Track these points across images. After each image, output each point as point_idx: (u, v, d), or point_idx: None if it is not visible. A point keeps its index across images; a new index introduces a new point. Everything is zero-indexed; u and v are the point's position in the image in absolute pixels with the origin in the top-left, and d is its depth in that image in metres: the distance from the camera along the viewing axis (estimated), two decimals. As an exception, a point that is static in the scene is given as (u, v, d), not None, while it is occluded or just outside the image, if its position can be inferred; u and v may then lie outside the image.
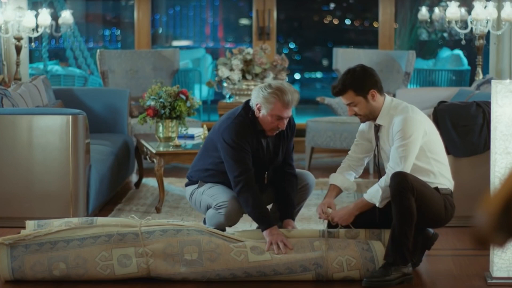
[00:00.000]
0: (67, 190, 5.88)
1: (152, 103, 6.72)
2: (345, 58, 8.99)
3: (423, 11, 11.25)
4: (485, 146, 5.68)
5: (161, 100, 6.69)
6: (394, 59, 8.93)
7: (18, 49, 8.63)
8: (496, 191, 1.84)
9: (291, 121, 4.96)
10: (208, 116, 11.40)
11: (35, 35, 8.78)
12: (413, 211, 4.49)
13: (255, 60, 8.28)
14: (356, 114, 4.71)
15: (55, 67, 11.51)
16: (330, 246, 4.68)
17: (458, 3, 8.75)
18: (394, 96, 7.98)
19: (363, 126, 4.89)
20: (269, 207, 4.97)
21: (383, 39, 10.17)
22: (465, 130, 5.74)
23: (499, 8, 8.61)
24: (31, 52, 10.65)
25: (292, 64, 12.15)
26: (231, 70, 8.29)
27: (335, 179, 4.91)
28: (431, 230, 4.80)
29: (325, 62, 13.34)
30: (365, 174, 7.32)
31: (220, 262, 4.61)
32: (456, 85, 10.73)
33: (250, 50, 8.38)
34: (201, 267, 4.61)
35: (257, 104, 4.80)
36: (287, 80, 8.41)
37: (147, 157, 6.76)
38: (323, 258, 4.62)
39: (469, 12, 8.87)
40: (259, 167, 4.88)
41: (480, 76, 8.65)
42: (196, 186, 5.08)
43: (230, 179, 4.82)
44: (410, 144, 4.54)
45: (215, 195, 4.92)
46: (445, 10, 9.23)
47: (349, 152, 4.97)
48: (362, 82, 4.65)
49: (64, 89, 8.14)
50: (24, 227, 4.85)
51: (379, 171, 4.86)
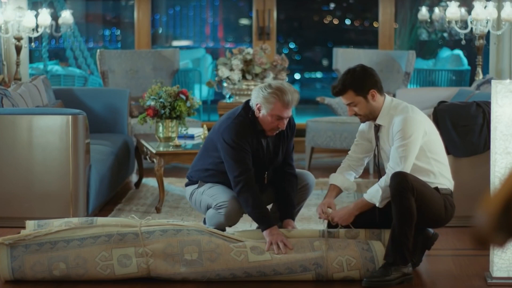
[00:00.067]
0: (67, 190, 5.88)
1: (152, 103, 6.71)
2: (345, 58, 8.98)
3: (423, 11, 11.25)
4: (485, 146, 5.68)
5: (161, 100, 6.69)
6: (394, 59, 8.93)
7: (18, 49, 8.63)
8: (496, 191, 1.84)
9: (291, 121, 4.96)
10: (208, 116, 11.39)
11: (35, 35, 8.78)
12: (413, 211, 4.49)
13: (255, 60, 8.28)
14: (356, 114, 4.71)
15: (55, 67, 11.51)
16: (330, 246, 4.68)
17: (458, 3, 8.75)
18: (394, 96, 7.98)
19: (363, 126, 4.89)
20: (269, 207, 4.97)
21: (383, 39, 10.17)
22: (465, 130, 5.74)
23: (499, 8, 8.61)
24: (31, 52, 10.65)
25: (292, 64, 12.14)
26: (231, 70, 8.29)
27: (335, 179, 4.91)
28: (431, 230, 4.79)
29: (325, 62, 13.33)
30: (365, 174, 7.32)
31: (220, 262, 4.61)
32: (456, 85, 10.73)
33: (250, 50, 8.38)
34: (201, 267, 4.60)
35: (257, 104, 4.80)
36: (287, 80, 8.41)
37: (147, 157, 6.76)
38: (323, 258, 4.62)
39: (469, 12, 8.87)
40: (259, 167, 4.88)
41: (480, 76, 8.65)
42: (196, 186, 5.07)
43: (230, 179, 4.82)
44: (410, 144, 4.54)
45: (215, 195, 4.92)
46: (445, 10, 9.23)
47: (349, 152, 4.97)
48: (362, 82, 4.65)
49: (64, 89, 8.14)
50: (24, 227, 4.85)
51: (379, 171, 4.86)
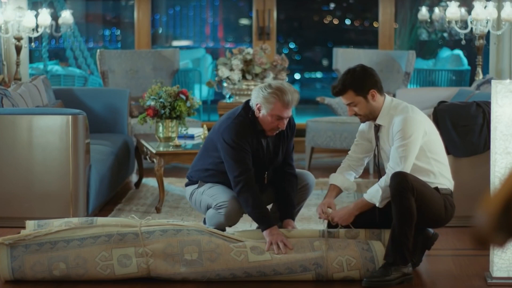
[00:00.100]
0: (67, 190, 5.88)
1: (152, 103, 6.71)
2: (345, 58, 8.98)
3: (423, 11, 11.25)
4: (485, 146, 5.68)
5: (161, 100, 6.69)
6: (394, 59, 8.93)
7: (18, 49, 8.63)
8: (496, 191, 1.84)
9: (291, 121, 4.96)
10: (208, 116, 11.39)
11: (35, 35, 8.78)
12: (413, 211, 4.49)
13: (255, 60, 8.28)
14: (356, 114, 4.71)
15: (55, 67, 11.51)
16: (330, 246, 4.68)
17: (458, 3, 8.75)
18: (394, 96, 7.98)
19: (363, 126, 4.89)
20: (269, 207, 4.97)
21: (383, 39, 10.17)
22: (465, 130, 5.74)
23: (499, 8, 8.61)
24: (31, 52, 10.65)
25: (292, 64, 12.14)
26: (231, 70, 8.29)
27: (335, 179, 4.91)
28: (431, 230, 4.79)
29: (325, 62, 13.33)
30: (365, 174, 7.32)
31: (220, 262, 4.60)
32: (456, 85, 10.73)
33: (250, 50, 8.38)
34: (201, 267, 4.60)
35: (257, 104, 4.80)
36: (287, 80, 8.41)
37: (147, 157, 6.76)
38: (323, 258, 4.62)
39: (469, 12, 8.87)
40: (259, 167, 4.88)
41: (480, 76, 8.65)
42: (196, 186, 5.07)
43: (230, 179, 4.82)
44: (410, 144, 4.54)
45: (215, 195, 4.92)
46: (445, 10, 9.23)
47: (349, 152, 4.97)
48: (362, 82, 4.65)
49: (64, 89, 8.14)
50: (24, 227, 4.85)
51: (379, 171, 4.86)
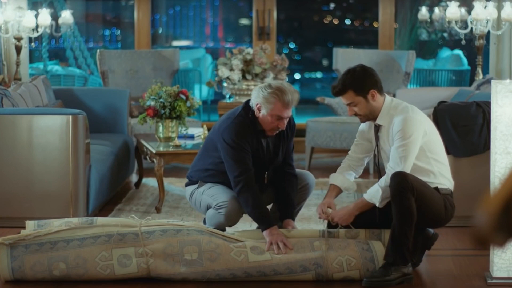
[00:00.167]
0: (67, 190, 5.88)
1: (152, 103, 6.71)
2: (345, 58, 8.98)
3: (423, 11, 11.25)
4: (485, 146, 5.68)
5: (161, 100, 6.69)
6: (394, 59, 8.93)
7: (18, 49, 8.63)
8: (496, 191, 1.84)
9: (291, 121, 4.96)
10: (208, 116, 11.39)
11: (35, 35, 8.78)
12: (413, 211, 4.49)
13: (255, 60, 8.28)
14: (356, 114, 4.71)
15: (55, 67, 11.51)
16: (330, 246, 4.68)
17: (458, 3, 8.74)
18: (394, 96, 7.98)
19: (363, 126, 4.89)
20: (269, 207, 4.97)
21: (383, 39, 10.17)
22: (465, 130, 5.74)
23: (499, 8, 8.61)
24: (31, 52, 10.65)
25: (292, 64, 12.14)
26: (231, 70, 8.29)
27: (335, 179, 4.91)
28: (431, 230, 4.79)
29: (325, 62, 13.33)
30: (365, 174, 7.32)
31: (220, 262, 4.60)
32: (456, 85, 10.73)
33: (250, 50, 8.38)
34: (201, 267, 4.60)
35: (257, 104, 4.80)
36: (287, 80, 8.41)
37: (147, 157, 6.76)
38: (323, 258, 4.62)
39: (469, 12, 8.87)
40: (259, 167, 4.88)
41: (480, 76, 8.65)
42: (196, 186, 5.07)
43: (230, 179, 4.82)
44: (410, 144, 4.54)
45: (215, 195, 4.92)
46: (445, 10, 9.23)
47: (349, 152, 4.97)
48: (362, 82, 4.65)
49: (64, 89, 8.14)
50: (24, 227, 4.85)
51: (379, 171, 4.86)
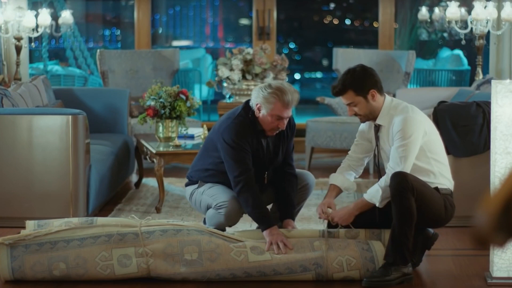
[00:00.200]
0: (67, 190, 5.88)
1: (152, 103, 6.71)
2: (345, 58, 8.98)
3: (423, 11, 11.25)
4: (485, 146, 5.68)
5: (161, 100, 6.69)
6: (394, 59, 8.93)
7: (18, 49, 8.63)
8: (496, 191, 1.84)
9: (291, 121, 4.96)
10: (208, 116, 11.39)
11: (35, 35, 8.78)
12: (413, 211, 4.49)
13: (255, 60, 8.28)
14: (356, 114, 4.71)
15: (55, 67, 11.51)
16: (330, 246, 4.68)
17: (458, 3, 8.74)
18: (394, 96, 7.98)
19: (363, 126, 4.89)
20: (269, 207, 4.97)
21: (383, 39, 10.17)
22: (465, 130, 5.74)
23: (499, 8, 8.61)
24: (31, 52, 10.65)
25: (292, 64, 12.14)
26: (231, 70, 8.29)
27: (335, 179, 4.91)
28: (431, 230, 4.79)
29: (325, 62, 13.33)
30: (365, 174, 7.32)
31: (220, 262, 4.60)
32: (456, 85, 10.73)
33: (250, 50, 8.38)
34: (201, 267, 4.60)
35: (257, 104, 4.80)
36: (287, 80, 8.41)
37: (147, 157, 6.76)
38: (323, 258, 4.62)
39: (469, 12, 8.87)
40: (259, 167, 4.88)
41: (480, 76, 8.65)
42: (196, 186, 5.07)
43: (230, 179, 4.82)
44: (410, 144, 4.54)
45: (215, 195, 4.92)
46: (445, 10, 9.23)
47: (349, 152, 4.97)
48: (362, 82, 4.65)
49: (64, 89, 8.14)
50: (24, 227, 4.85)
51: (379, 171, 4.86)
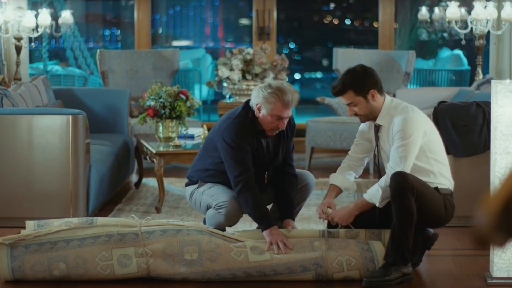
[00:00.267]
0: (67, 190, 5.88)
1: (152, 103, 6.71)
2: (345, 58, 8.98)
3: (423, 11, 11.25)
4: (485, 146, 5.68)
5: (161, 100, 6.69)
6: (394, 59, 8.93)
7: (18, 49, 8.63)
8: (496, 191, 1.84)
9: (291, 121, 4.96)
10: (208, 116, 11.39)
11: (35, 35, 8.78)
12: (413, 211, 4.49)
13: (255, 60, 8.28)
14: (356, 114, 4.71)
15: (55, 67, 11.51)
16: (330, 246, 4.68)
17: (458, 3, 8.74)
18: (394, 96, 7.98)
19: (363, 126, 4.89)
20: (269, 207, 4.97)
21: (383, 39, 10.17)
22: (465, 130, 5.74)
23: (499, 8, 8.61)
24: (31, 52, 10.65)
25: (292, 64, 12.14)
26: (231, 70, 8.29)
27: (335, 179, 4.91)
28: (431, 230, 4.79)
29: (325, 62, 13.33)
30: (365, 174, 7.32)
31: (220, 262, 4.61)
32: (456, 85, 10.73)
33: (250, 50, 8.38)
34: (201, 267, 4.60)
35: (257, 104, 4.80)
36: (287, 80, 8.41)
37: (147, 157, 6.76)
38: (323, 258, 4.62)
39: (469, 12, 8.87)
40: (259, 167, 4.88)
41: (480, 76, 8.65)
42: (196, 186, 5.07)
43: (230, 179, 4.82)
44: (410, 144, 4.54)
45: (215, 195, 4.92)
46: (445, 10, 9.23)
47: (349, 152, 4.97)
48: (362, 82, 4.65)
49: (64, 89, 8.14)
50: (24, 227, 4.85)
51: (379, 171, 4.86)
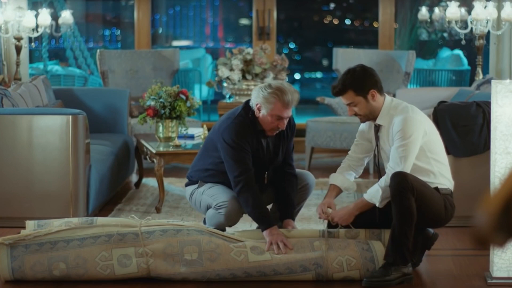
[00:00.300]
0: (67, 190, 5.88)
1: (152, 103, 6.71)
2: (345, 58, 8.98)
3: (423, 11, 11.25)
4: (485, 146, 5.68)
5: (161, 100, 6.69)
6: (394, 59, 8.93)
7: (18, 49, 8.63)
8: (496, 191, 1.84)
9: (291, 121, 4.96)
10: (208, 116, 11.39)
11: (35, 35, 8.78)
12: (413, 211, 4.49)
13: (255, 60, 8.27)
14: (356, 114, 4.71)
15: (55, 67, 11.51)
16: (330, 246, 4.68)
17: (458, 3, 8.74)
18: (394, 96, 7.98)
19: (363, 126, 4.89)
20: (269, 207, 4.97)
21: (383, 39, 10.17)
22: (465, 130, 5.74)
23: (499, 8, 8.61)
24: (31, 52, 10.65)
25: (292, 64, 12.14)
26: (231, 70, 8.28)
27: (335, 179, 4.91)
28: (431, 230, 4.79)
29: (325, 62, 13.33)
30: (365, 174, 7.32)
31: (220, 262, 4.61)
32: (456, 85, 10.73)
33: (250, 50, 8.38)
34: (201, 267, 4.60)
35: (257, 104, 4.80)
36: (287, 80, 8.41)
37: (147, 157, 6.76)
38: (323, 258, 4.62)
39: (469, 12, 8.87)
40: (259, 167, 4.88)
41: (480, 76, 8.65)
42: (196, 186, 5.07)
43: (230, 179, 4.82)
44: (410, 144, 4.54)
45: (215, 195, 4.92)
46: (445, 10, 9.23)
47: (349, 152, 4.97)
48: (362, 82, 4.65)
49: (64, 89, 8.14)
50: (24, 227, 4.85)
51: (379, 171, 4.86)
